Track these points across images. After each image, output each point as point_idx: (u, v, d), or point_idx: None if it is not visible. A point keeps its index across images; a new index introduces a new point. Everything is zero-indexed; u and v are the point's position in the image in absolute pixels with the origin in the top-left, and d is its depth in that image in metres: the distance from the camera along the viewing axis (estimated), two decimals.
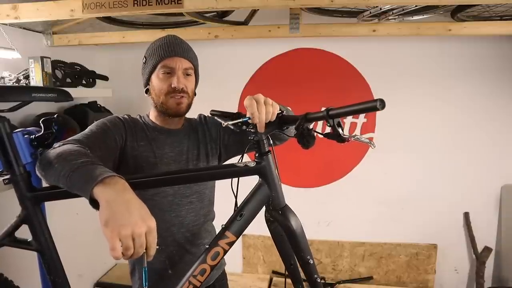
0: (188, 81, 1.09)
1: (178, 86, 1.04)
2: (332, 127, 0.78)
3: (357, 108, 0.72)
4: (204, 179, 1.02)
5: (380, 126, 2.32)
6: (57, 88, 0.91)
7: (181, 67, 1.06)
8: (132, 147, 1.05)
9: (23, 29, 1.87)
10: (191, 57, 1.10)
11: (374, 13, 1.65)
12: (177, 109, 1.08)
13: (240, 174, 0.92)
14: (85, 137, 0.92)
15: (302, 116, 0.82)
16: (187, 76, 1.09)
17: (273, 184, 0.90)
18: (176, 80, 1.05)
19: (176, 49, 1.06)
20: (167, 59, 1.05)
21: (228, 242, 0.89)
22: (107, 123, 1.02)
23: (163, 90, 1.06)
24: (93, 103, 2.20)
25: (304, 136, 0.81)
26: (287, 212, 0.92)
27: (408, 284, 2.39)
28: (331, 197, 2.43)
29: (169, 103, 1.07)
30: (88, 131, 0.97)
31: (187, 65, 1.08)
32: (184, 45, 1.10)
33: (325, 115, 0.77)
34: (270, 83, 2.36)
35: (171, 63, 1.05)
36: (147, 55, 1.11)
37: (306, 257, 0.94)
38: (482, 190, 2.25)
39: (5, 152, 0.78)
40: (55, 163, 0.75)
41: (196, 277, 0.88)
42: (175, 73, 1.06)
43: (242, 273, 2.55)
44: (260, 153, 0.90)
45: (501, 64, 2.14)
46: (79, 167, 0.70)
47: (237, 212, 0.91)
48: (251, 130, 0.89)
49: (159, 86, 1.06)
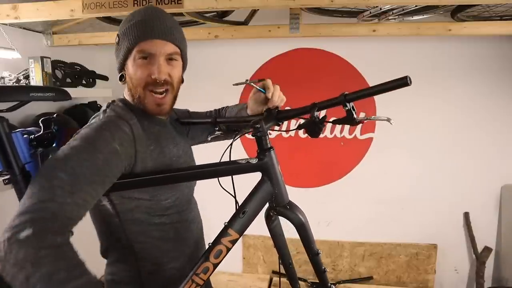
0: (173, 68, 0.88)
1: (159, 77, 0.85)
2: (347, 111, 0.81)
3: (380, 88, 0.78)
4: (206, 176, 0.94)
5: (380, 126, 2.31)
6: (55, 87, 0.91)
7: (163, 52, 0.85)
8: (143, 159, 0.84)
9: (23, 29, 1.87)
10: (177, 39, 0.88)
11: (374, 13, 1.65)
12: (158, 111, 0.90)
13: (242, 171, 0.90)
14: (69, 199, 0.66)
15: (311, 106, 0.84)
16: (171, 61, 0.88)
17: (276, 180, 0.89)
18: (157, 69, 0.84)
19: (156, 29, 0.84)
20: (145, 42, 0.84)
21: (231, 240, 0.88)
22: (108, 157, 0.74)
23: (140, 81, 0.86)
24: (93, 103, 2.20)
25: (316, 124, 0.83)
26: (294, 206, 0.92)
27: (408, 284, 2.39)
28: (331, 197, 2.43)
29: (148, 101, 0.88)
30: (76, 175, 0.68)
31: (171, 49, 0.87)
32: (168, 22, 0.86)
33: (342, 100, 0.80)
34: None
35: (150, 47, 0.84)
36: (120, 34, 0.88)
37: (315, 248, 0.95)
38: (482, 190, 2.25)
39: (4, 152, 0.78)
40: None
41: (199, 275, 0.88)
42: (155, 60, 0.85)
43: (242, 273, 2.55)
44: (262, 149, 0.89)
45: (501, 64, 2.14)
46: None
47: (239, 209, 0.90)
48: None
49: (136, 76, 0.86)
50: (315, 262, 0.97)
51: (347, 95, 0.80)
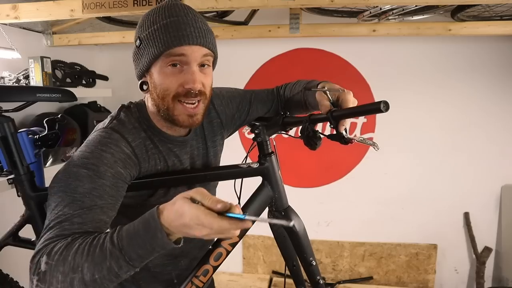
0: (206, 76, 0.78)
1: (194, 87, 0.74)
2: (335, 129, 0.78)
3: (360, 110, 0.73)
4: (208, 180, 0.94)
5: (380, 126, 2.31)
6: (62, 88, 0.91)
7: (197, 57, 0.74)
8: (146, 173, 0.82)
9: (23, 29, 1.87)
10: (211, 43, 0.77)
11: (374, 13, 1.65)
12: (190, 123, 0.79)
13: (244, 175, 0.91)
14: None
15: (305, 118, 0.82)
16: (203, 68, 0.77)
17: (276, 185, 0.90)
18: (192, 78, 0.74)
19: (189, 32, 0.73)
20: (177, 48, 0.73)
21: (231, 243, 0.89)
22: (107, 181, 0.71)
23: (170, 91, 0.75)
24: (93, 103, 2.20)
25: (310, 138, 0.82)
26: (290, 213, 0.93)
27: (408, 284, 2.39)
28: (331, 197, 2.43)
29: (178, 113, 0.77)
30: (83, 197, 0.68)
31: (205, 51, 0.76)
32: (199, 24, 0.75)
33: (329, 117, 0.77)
34: (270, 83, 2.35)
35: (183, 54, 0.73)
36: (143, 37, 0.76)
37: (308, 259, 0.94)
38: (482, 190, 2.25)
39: (9, 152, 0.78)
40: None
41: (199, 278, 0.88)
42: (189, 67, 0.74)
43: (242, 273, 2.54)
44: (264, 154, 0.90)
45: (501, 64, 2.13)
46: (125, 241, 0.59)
47: None
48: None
49: (165, 85, 0.75)
50: (308, 272, 0.97)
51: (333, 112, 0.77)
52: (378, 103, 0.66)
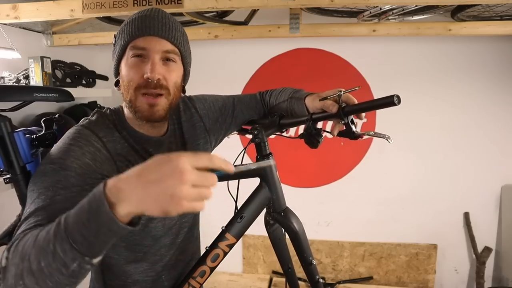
0: (170, 70, 0.79)
1: (152, 76, 0.74)
2: (346, 124, 0.78)
3: (374, 104, 0.73)
4: None
5: (380, 126, 2.31)
6: (59, 88, 0.91)
7: (158, 49, 0.76)
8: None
9: (23, 29, 1.87)
10: (175, 37, 0.78)
11: (374, 13, 1.65)
12: (150, 113, 0.78)
13: (241, 176, 0.91)
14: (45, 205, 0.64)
15: (308, 117, 0.82)
16: (168, 62, 0.79)
17: (274, 186, 0.90)
18: (150, 68, 0.75)
19: (152, 25, 0.76)
20: (139, 38, 0.76)
21: (228, 244, 0.89)
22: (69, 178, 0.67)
23: (132, 82, 0.77)
24: (93, 103, 2.20)
25: (313, 136, 0.81)
26: (289, 214, 0.92)
27: (408, 284, 2.39)
28: (331, 197, 2.43)
29: (139, 103, 0.77)
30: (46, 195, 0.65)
31: (168, 47, 0.77)
32: (166, 20, 0.78)
33: (341, 113, 0.77)
34: (270, 83, 2.36)
35: (143, 44, 0.76)
36: (116, 34, 0.81)
37: (308, 258, 0.94)
38: (482, 190, 2.25)
39: (6, 152, 0.78)
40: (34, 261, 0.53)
41: (196, 279, 0.88)
42: (149, 58, 0.76)
43: (242, 273, 2.55)
44: (261, 155, 0.90)
45: (501, 64, 2.14)
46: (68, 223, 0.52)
47: (237, 214, 0.90)
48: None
49: (129, 77, 0.77)
50: (308, 271, 0.97)
51: (344, 108, 0.78)
52: (391, 97, 0.68)
